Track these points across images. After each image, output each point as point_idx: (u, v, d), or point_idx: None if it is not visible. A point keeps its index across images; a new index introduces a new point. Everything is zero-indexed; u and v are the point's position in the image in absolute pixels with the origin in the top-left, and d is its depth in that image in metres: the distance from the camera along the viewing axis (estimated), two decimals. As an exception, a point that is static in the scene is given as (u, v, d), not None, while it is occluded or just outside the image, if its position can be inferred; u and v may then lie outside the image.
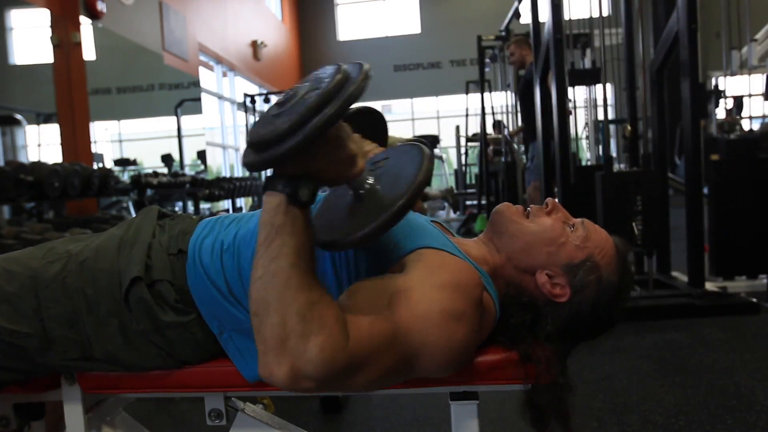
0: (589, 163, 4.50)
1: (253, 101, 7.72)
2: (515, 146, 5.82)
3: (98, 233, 1.03)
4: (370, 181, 0.82)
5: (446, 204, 9.08)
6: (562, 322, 0.91)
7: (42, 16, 4.43)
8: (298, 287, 0.72)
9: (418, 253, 0.86)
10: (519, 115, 5.22)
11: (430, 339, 0.78)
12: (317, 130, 0.68)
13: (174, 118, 6.60)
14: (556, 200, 1.05)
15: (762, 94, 5.91)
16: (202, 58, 7.90)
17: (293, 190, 0.73)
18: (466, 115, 8.96)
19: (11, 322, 0.89)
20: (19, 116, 4.42)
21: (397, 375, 0.80)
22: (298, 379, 0.70)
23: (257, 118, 0.74)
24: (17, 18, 4.63)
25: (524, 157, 5.36)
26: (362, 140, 0.86)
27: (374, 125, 1.10)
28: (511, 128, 6.29)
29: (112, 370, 0.93)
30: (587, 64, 4.06)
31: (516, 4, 4.99)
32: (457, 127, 9.83)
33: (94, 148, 4.90)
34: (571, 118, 3.84)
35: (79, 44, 4.59)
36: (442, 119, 13.58)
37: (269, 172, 0.77)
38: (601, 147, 4.45)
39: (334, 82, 0.70)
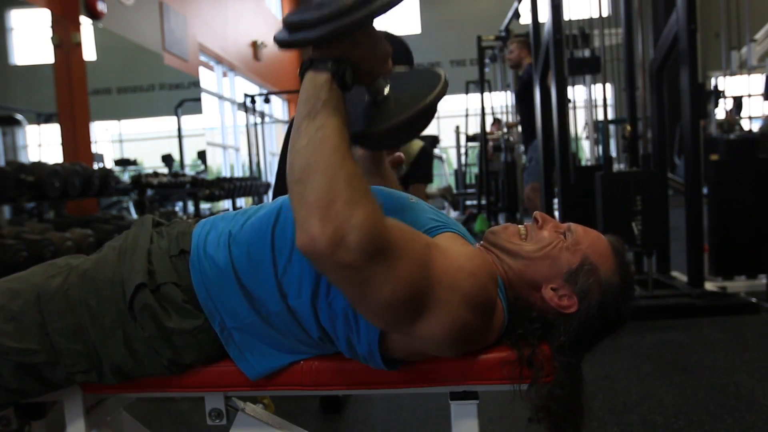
0: (589, 163, 4.51)
1: (253, 101, 7.71)
2: (513, 143, 5.82)
3: (98, 250, 1.03)
4: (387, 89, 0.87)
5: (446, 203, 9.09)
6: (574, 331, 0.91)
7: (42, 17, 4.43)
8: (345, 156, 0.73)
9: (445, 234, 0.90)
10: (518, 115, 5.21)
11: (456, 294, 0.80)
12: (373, 12, 0.73)
13: (174, 118, 6.59)
14: (550, 211, 1.06)
15: (761, 94, 5.91)
16: (203, 58, 7.90)
17: (341, 70, 0.76)
18: (466, 115, 8.97)
19: (18, 340, 0.88)
20: (19, 116, 4.42)
21: (411, 305, 0.78)
22: (339, 246, 0.69)
23: (303, 5, 0.78)
24: (17, 18, 4.63)
25: (524, 157, 5.36)
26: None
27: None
28: (510, 120, 6.28)
29: (118, 381, 0.93)
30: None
31: (516, 4, 4.99)
32: (457, 127, 9.83)
33: (94, 149, 4.90)
34: (571, 118, 3.83)
35: (79, 44, 4.58)
36: (442, 119, 13.54)
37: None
38: (600, 147, 4.45)
39: None
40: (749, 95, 6.65)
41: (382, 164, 1.17)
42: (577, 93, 4.61)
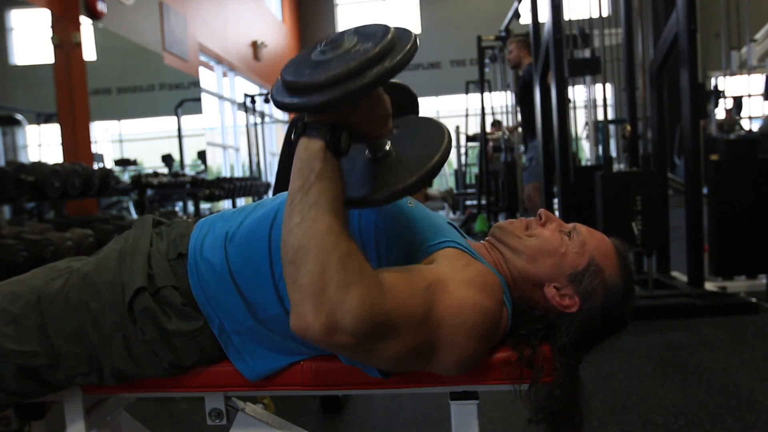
0: (589, 163, 4.51)
1: (253, 101, 7.71)
2: (514, 143, 5.82)
3: (98, 251, 1.03)
4: (388, 145, 0.83)
5: (446, 204, 9.09)
6: (576, 332, 0.91)
7: (42, 17, 4.43)
8: (339, 235, 0.71)
9: (445, 251, 0.88)
10: (519, 116, 5.21)
11: (459, 332, 0.79)
12: (379, 78, 0.69)
13: (174, 118, 6.59)
14: (550, 210, 1.06)
15: (761, 94, 5.91)
16: (203, 58, 7.90)
17: (335, 137, 0.73)
18: (466, 115, 8.97)
19: (18, 342, 0.88)
20: (19, 116, 4.42)
21: (418, 358, 0.79)
22: (334, 332, 0.69)
23: (299, 56, 0.72)
24: (17, 18, 4.63)
25: (524, 157, 5.36)
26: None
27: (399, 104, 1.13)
28: (510, 123, 6.29)
29: (118, 383, 0.93)
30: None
31: (516, 4, 4.99)
32: (457, 127, 9.83)
33: (94, 148, 4.90)
34: (571, 118, 3.83)
35: (79, 44, 4.59)
36: (442, 119, 13.40)
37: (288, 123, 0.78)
38: (600, 147, 4.45)
39: (389, 38, 0.72)
40: (749, 95, 6.64)
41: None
42: (577, 93, 4.61)
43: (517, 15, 5.12)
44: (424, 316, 0.77)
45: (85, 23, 4.75)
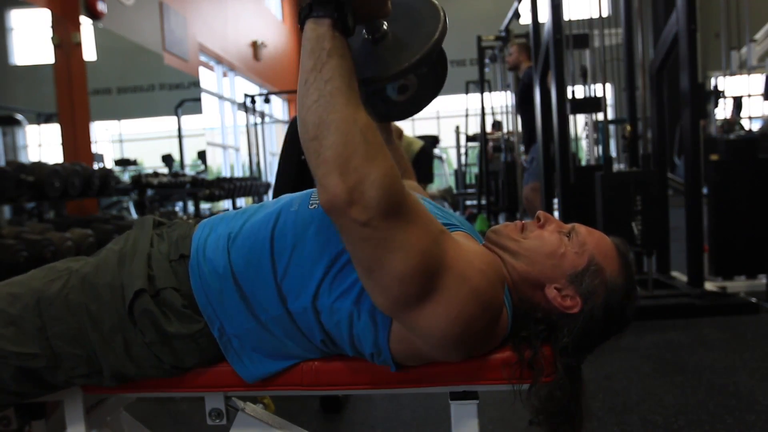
0: (589, 163, 4.51)
1: (253, 101, 7.72)
2: (514, 143, 5.82)
3: (97, 252, 1.03)
4: (385, 25, 0.85)
5: (446, 204, 9.09)
6: (578, 332, 0.91)
7: (42, 17, 4.43)
8: (358, 107, 0.72)
9: (457, 233, 0.90)
10: (519, 116, 5.21)
11: (464, 285, 0.79)
12: None
13: (174, 118, 6.59)
14: (550, 210, 1.06)
15: (761, 94, 5.91)
16: (203, 58, 7.90)
17: (342, 14, 0.74)
18: (466, 115, 8.96)
19: (17, 344, 0.88)
20: (19, 116, 4.42)
21: (421, 279, 0.76)
22: (355, 201, 0.70)
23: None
24: (17, 18, 4.63)
25: (523, 157, 5.36)
26: None
27: None
28: (509, 128, 6.29)
29: (118, 384, 0.93)
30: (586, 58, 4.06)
31: (516, 4, 4.99)
32: (457, 127, 9.83)
33: (94, 149, 4.90)
34: (571, 118, 3.83)
35: (79, 44, 4.58)
36: (442, 119, 13.57)
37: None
38: (600, 147, 4.45)
39: None
40: (749, 95, 6.64)
41: (390, 135, 1.18)
42: (577, 93, 4.61)
43: (517, 15, 5.12)
44: (436, 239, 0.78)
45: (85, 23, 4.75)
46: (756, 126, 6.60)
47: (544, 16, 3.67)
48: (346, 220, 0.72)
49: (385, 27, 0.84)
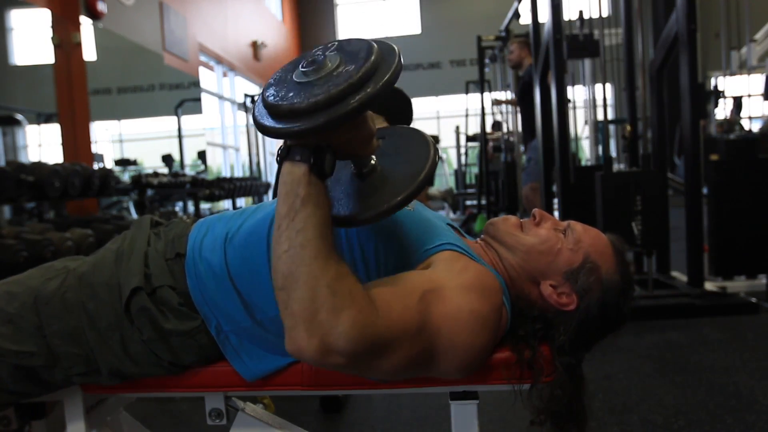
0: (589, 163, 4.51)
1: (253, 101, 7.71)
2: (514, 143, 5.82)
3: (95, 252, 1.03)
4: (373, 160, 0.82)
5: (446, 204, 9.10)
6: (574, 329, 0.91)
7: (42, 17, 4.43)
8: (327, 260, 0.72)
9: (442, 254, 0.87)
10: (519, 115, 5.22)
11: (457, 339, 0.79)
12: (361, 105, 0.68)
13: (174, 118, 6.59)
14: (550, 210, 1.06)
15: (761, 94, 5.91)
16: (203, 58, 7.90)
17: (318, 160, 0.73)
18: (466, 115, 8.97)
19: (15, 342, 0.88)
20: (19, 116, 4.42)
21: (417, 367, 0.80)
22: (328, 354, 0.70)
23: (280, 73, 0.72)
24: (17, 18, 4.63)
25: (523, 157, 5.36)
26: (375, 117, 0.86)
27: (392, 106, 1.09)
28: (509, 128, 6.29)
29: (116, 382, 0.93)
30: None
31: (516, 4, 4.99)
32: (457, 127, 9.83)
33: (94, 149, 4.90)
34: (571, 118, 3.83)
35: (79, 44, 4.58)
36: (442, 119, 13.58)
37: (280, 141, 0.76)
38: (600, 147, 4.45)
39: (372, 60, 0.70)
40: (749, 95, 6.64)
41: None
42: (577, 93, 4.61)
43: (517, 15, 5.12)
44: (419, 327, 0.77)
45: (85, 23, 4.75)
46: (756, 126, 6.60)
47: (544, 16, 3.67)
48: (327, 366, 0.73)
49: (373, 162, 0.82)
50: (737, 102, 7.06)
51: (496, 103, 6.59)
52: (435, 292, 0.80)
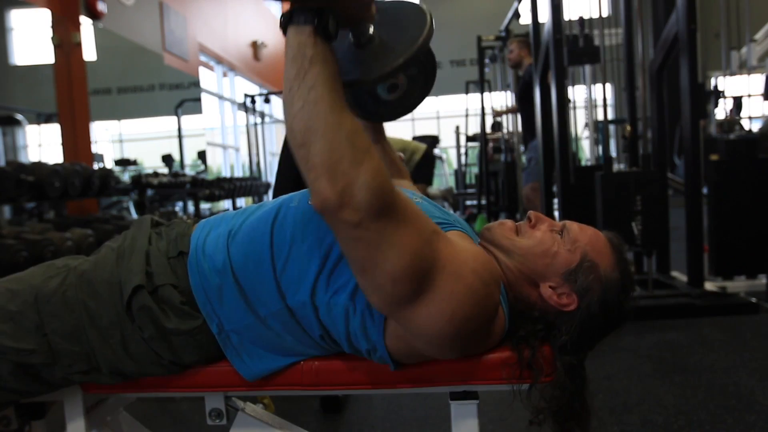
0: (589, 163, 4.50)
1: (253, 101, 7.72)
2: (514, 143, 5.82)
3: (96, 250, 1.03)
4: (371, 29, 0.84)
5: (446, 204, 9.09)
6: (576, 330, 0.90)
7: (42, 17, 4.43)
8: (342, 112, 0.73)
9: (453, 231, 0.91)
10: (519, 115, 5.21)
11: (459, 282, 0.79)
12: None
13: (174, 118, 6.60)
14: (550, 210, 1.06)
15: (761, 94, 5.91)
16: (203, 58, 7.90)
17: (323, 20, 0.74)
18: (466, 115, 8.96)
19: (15, 339, 0.88)
20: (19, 116, 4.42)
21: (413, 278, 0.76)
22: (345, 205, 0.71)
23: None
24: (17, 18, 4.63)
25: (523, 157, 5.36)
26: None
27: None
28: (509, 128, 6.29)
29: (116, 381, 0.93)
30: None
31: (516, 4, 4.99)
32: (457, 127, 9.83)
33: (94, 149, 4.90)
34: (571, 118, 3.83)
35: (79, 44, 4.58)
36: (442, 119, 13.58)
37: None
38: (600, 147, 4.45)
39: None
40: (749, 95, 6.64)
41: (381, 135, 1.18)
42: (577, 93, 4.61)
43: (517, 15, 5.12)
44: (428, 239, 0.78)
45: (85, 23, 4.75)
46: (756, 126, 6.60)
47: (544, 16, 3.67)
48: (338, 222, 0.73)
49: (371, 31, 0.84)
50: (737, 102, 7.05)
51: (497, 114, 6.61)
52: (446, 238, 0.82)
